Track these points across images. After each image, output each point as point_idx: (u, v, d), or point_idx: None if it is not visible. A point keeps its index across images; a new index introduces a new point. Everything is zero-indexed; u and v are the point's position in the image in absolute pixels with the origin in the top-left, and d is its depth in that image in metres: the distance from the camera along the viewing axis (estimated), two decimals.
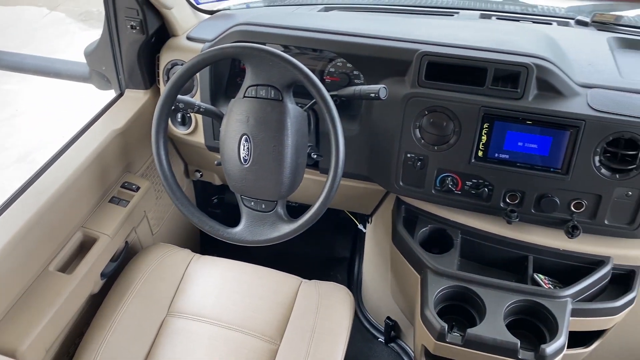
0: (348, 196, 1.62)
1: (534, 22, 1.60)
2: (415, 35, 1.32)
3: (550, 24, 1.62)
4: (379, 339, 1.88)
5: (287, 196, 1.23)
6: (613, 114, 1.16)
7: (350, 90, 1.25)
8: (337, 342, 1.29)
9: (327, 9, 1.71)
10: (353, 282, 2.09)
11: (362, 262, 1.91)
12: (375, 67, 1.31)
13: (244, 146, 1.18)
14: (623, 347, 1.56)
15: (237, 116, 1.19)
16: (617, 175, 1.19)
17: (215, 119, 1.38)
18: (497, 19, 1.64)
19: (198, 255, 1.52)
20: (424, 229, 1.41)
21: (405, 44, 1.29)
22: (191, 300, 1.40)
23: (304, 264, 2.18)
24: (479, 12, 1.67)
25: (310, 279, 1.48)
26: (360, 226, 1.95)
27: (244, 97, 1.18)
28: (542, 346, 1.15)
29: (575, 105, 1.18)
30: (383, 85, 1.20)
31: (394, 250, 1.46)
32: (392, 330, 1.83)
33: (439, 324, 1.20)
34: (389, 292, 1.69)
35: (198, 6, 1.68)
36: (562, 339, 1.17)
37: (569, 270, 1.32)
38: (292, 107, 1.17)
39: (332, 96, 1.30)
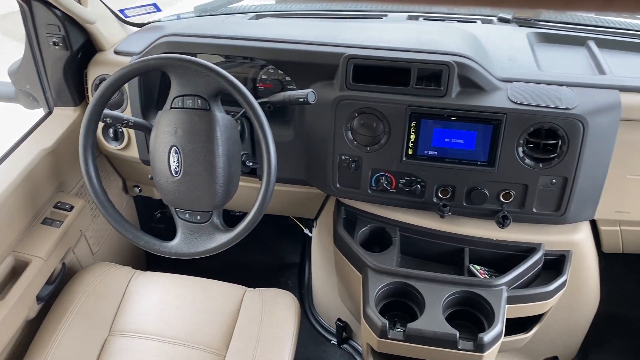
0: (290, 202, 1.63)
1: (458, 22, 1.65)
2: (342, 39, 1.34)
3: (475, 22, 1.67)
4: (332, 342, 1.89)
5: (223, 205, 1.23)
6: (532, 105, 1.21)
7: (280, 96, 1.26)
8: (283, 348, 1.29)
9: (258, 17, 1.72)
10: (304, 287, 2.09)
11: (311, 267, 1.92)
12: (304, 72, 1.33)
13: (174, 158, 1.17)
14: (562, 329, 1.62)
15: (165, 128, 1.17)
16: (541, 165, 1.24)
17: (145, 133, 1.36)
18: (424, 19, 1.68)
19: (139, 272, 1.49)
20: (364, 229, 1.43)
21: (331, 48, 1.31)
22: (133, 317, 1.37)
23: (254, 274, 2.17)
24: (406, 14, 1.71)
25: (262, 287, 1.48)
26: (306, 231, 1.96)
27: (171, 108, 1.18)
28: (480, 335, 1.18)
29: (496, 100, 1.23)
30: (311, 90, 1.22)
31: (337, 252, 1.47)
32: (344, 332, 1.84)
33: (380, 321, 1.22)
34: (337, 294, 1.70)
35: (126, 19, 1.66)
36: (498, 327, 1.20)
37: (503, 259, 1.36)
38: (220, 116, 1.17)
39: (263, 103, 1.31)
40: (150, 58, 1.14)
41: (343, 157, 1.34)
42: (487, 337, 1.18)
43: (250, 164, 1.33)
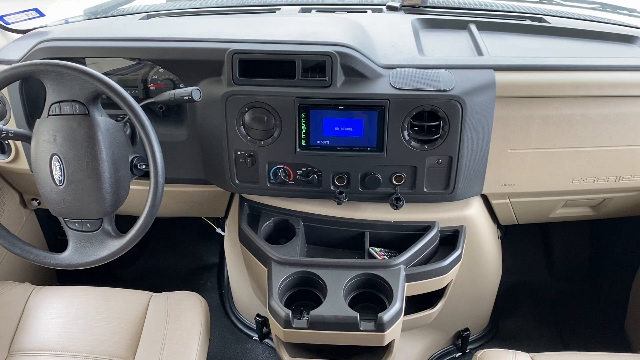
0: (195, 202, 1.62)
1: (348, 12, 1.69)
2: (226, 35, 1.34)
3: (365, 11, 1.71)
4: (254, 338, 1.90)
5: (113, 212, 1.20)
6: (412, 90, 1.25)
7: (165, 95, 1.25)
8: (189, 349, 1.28)
9: (149, 17, 1.68)
10: (223, 286, 2.08)
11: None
12: (190, 70, 1.31)
13: (56, 167, 1.13)
14: (469, 301, 1.70)
15: (43, 137, 1.13)
16: (426, 146, 1.29)
17: (29, 143, 1.31)
18: (317, 11, 1.71)
19: (39, 287, 1.44)
20: (267, 223, 1.44)
21: (215, 44, 1.30)
22: (34, 335, 1.32)
23: (172, 279, 2.14)
24: (299, 7, 1.73)
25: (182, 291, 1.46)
26: (218, 230, 1.95)
27: (49, 115, 1.14)
28: (379, 314, 1.22)
29: (379, 87, 1.26)
30: (195, 87, 1.21)
31: (243, 248, 1.47)
32: (264, 327, 1.85)
33: (284, 311, 1.23)
34: (252, 290, 1.70)
35: (7, 26, 1.58)
36: (397, 305, 1.25)
37: (402, 239, 1.41)
38: (102, 120, 1.14)
39: (150, 103, 1.29)
40: (18, 65, 1.09)
41: (239, 153, 1.34)
42: (386, 316, 1.22)
43: (143, 166, 1.30)
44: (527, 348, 1.36)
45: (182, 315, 1.34)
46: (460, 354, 1.84)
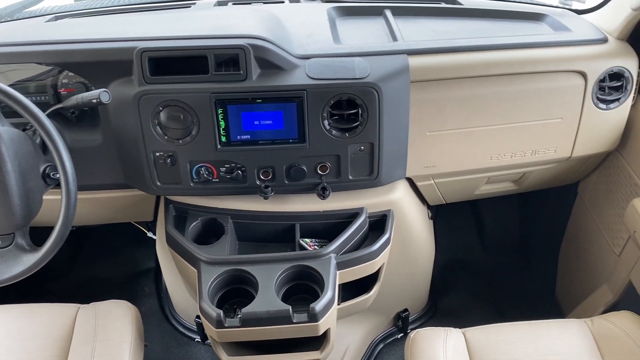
0: (120, 208, 1.56)
1: (265, 3, 1.67)
2: (134, 33, 1.29)
3: (283, 2, 1.69)
4: (196, 340, 1.87)
5: (26, 224, 1.14)
6: (329, 79, 1.25)
7: (73, 100, 1.20)
8: (119, 359, 1.24)
9: (57, 19, 1.61)
10: (162, 290, 2.04)
11: None
12: (99, 71, 1.26)
13: None
14: (405, 282, 1.73)
15: None
16: (347, 134, 1.30)
17: None
18: (233, 4, 1.68)
19: None
20: (195, 223, 1.41)
21: (123, 43, 1.25)
22: None
23: (108, 288, 2.08)
24: (215, 0, 1.69)
25: (119, 298, 1.41)
26: (150, 234, 1.90)
27: None
28: (312, 305, 1.22)
29: (295, 77, 1.25)
30: (104, 89, 1.16)
31: (172, 251, 1.44)
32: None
33: (215, 312, 1.21)
34: (187, 292, 1.67)
35: None
36: (329, 294, 1.25)
37: (333, 228, 1.41)
38: (3, 130, 1.08)
39: (59, 109, 1.24)
40: None
41: (157, 154, 1.30)
42: (318, 305, 1.22)
43: (57, 175, 1.25)
44: (465, 323, 1.40)
45: (111, 325, 1.30)
46: (401, 334, 1.87)
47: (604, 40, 1.40)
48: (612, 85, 1.40)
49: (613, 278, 1.59)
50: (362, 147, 1.32)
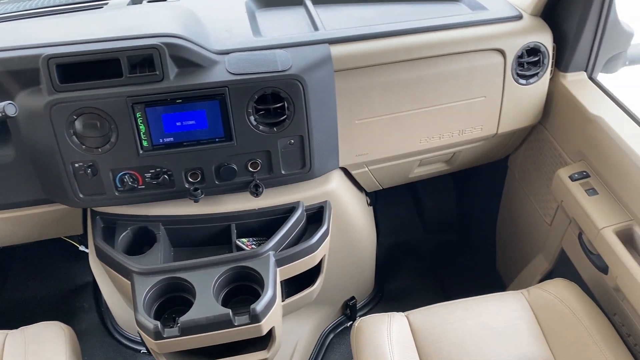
0: (45, 224, 1.48)
1: None
2: (40, 39, 1.21)
3: None
4: (142, 351, 1.81)
5: None
6: (250, 74, 1.22)
7: None
8: None
9: None
10: (102, 305, 1.96)
11: None
12: (3, 82, 1.18)
13: None
14: (350, 270, 1.73)
15: None
16: (275, 129, 1.27)
17: None
18: (148, 1, 1.61)
19: None
20: (124, 234, 1.35)
21: (26, 51, 1.18)
22: None
23: (42, 308, 1.98)
24: None
25: (55, 319, 1.34)
26: (82, 247, 1.82)
27: None
28: (252, 306, 1.20)
29: (215, 74, 1.22)
30: (8, 102, 1.09)
31: (103, 264, 1.38)
32: None
33: (151, 323, 1.17)
34: (125, 304, 1.61)
35: None
36: (269, 292, 1.23)
37: (270, 225, 1.39)
38: None
39: None
40: None
41: (76, 165, 1.24)
42: (259, 306, 1.20)
43: None
44: (412, 304, 1.41)
45: (43, 349, 1.23)
46: (351, 322, 1.88)
47: (519, 17, 1.43)
48: (530, 61, 1.43)
49: (546, 247, 1.65)
50: (292, 141, 1.30)
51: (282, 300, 1.46)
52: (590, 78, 1.50)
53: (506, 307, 1.34)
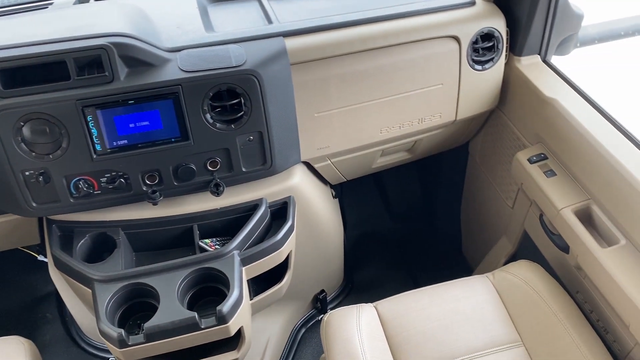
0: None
1: None
2: None
3: None
4: (110, 359, 1.77)
5: None
6: (204, 70, 1.19)
7: None
8: None
9: None
10: (66, 314, 1.90)
11: None
12: None
13: None
14: (318, 264, 1.72)
15: None
16: (233, 126, 1.25)
17: None
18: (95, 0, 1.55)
19: None
20: (83, 241, 1.31)
21: None
22: None
23: (2, 323, 1.91)
24: None
25: (16, 333, 1.29)
26: (40, 257, 1.76)
27: None
28: (218, 307, 1.18)
29: (167, 73, 1.18)
30: None
31: (63, 274, 1.33)
32: None
33: (115, 332, 1.14)
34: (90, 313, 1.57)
35: None
36: (235, 292, 1.21)
37: (234, 224, 1.37)
38: None
39: None
40: None
41: (27, 173, 1.19)
42: (225, 307, 1.18)
43: None
44: (381, 294, 1.41)
45: None
46: (322, 315, 1.87)
47: (472, 3, 1.44)
48: (484, 46, 1.44)
49: (509, 230, 1.67)
50: (251, 137, 1.28)
51: (251, 299, 1.44)
52: (544, 61, 1.52)
53: (472, 291, 1.35)
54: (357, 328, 1.27)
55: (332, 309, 1.89)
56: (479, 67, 1.46)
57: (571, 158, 1.35)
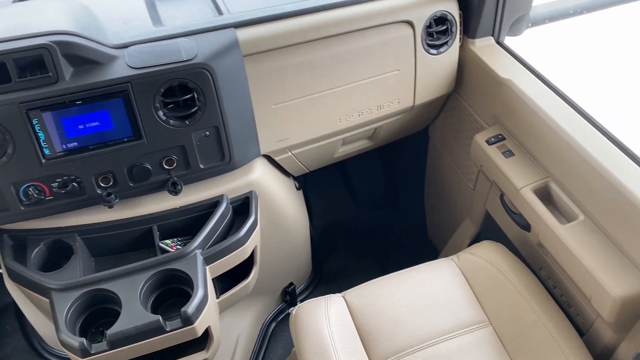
0: None
1: None
2: None
3: None
4: None
5: None
6: (153, 66, 1.15)
7: None
8: None
9: None
10: (27, 325, 1.84)
11: None
12: None
13: None
14: (285, 257, 1.71)
15: None
16: (187, 122, 1.21)
17: None
18: None
19: None
20: (37, 249, 1.26)
21: None
22: None
23: None
24: None
25: None
26: None
27: None
28: (182, 308, 1.15)
29: (115, 71, 1.14)
30: None
31: (19, 286, 1.28)
32: None
33: (76, 341, 1.10)
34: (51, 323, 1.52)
35: None
36: (200, 292, 1.19)
37: (195, 222, 1.34)
38: None
39: None
40: None
41: None
42: (190, 308, 1.15)
43: None
44: (351, 283, 1.41)
45: None
46: (292, 307, 1.86)
47: None
48: (438, 30, 1.44)
49: (472, 211, 1.69)
50: (207, 133, 1.25)
51: (217, 297, 1.42)
52: (498, 42, 1.53)
53: (438, 275, 1.36)
54: (326, 319, 1.26)
55: (301, 301, 1.88)
56: (434, 51, 1.46)
57: (528, 138, 1.37)
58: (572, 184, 1.25)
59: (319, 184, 2.19)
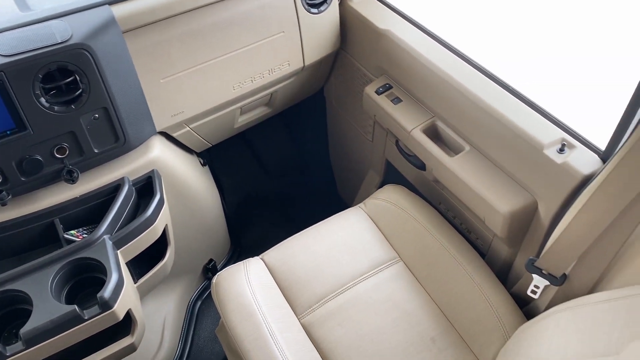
0: None
1: None
2: None
3: None
4: None
5: None
6: (26, 52, 1.10)
7: None
8: None
9: None
10: None
11: None
12: None
13: None
14: (202, 234, 1.70)
15: None
16: (73, 106, 1.18)
17: None
18: None
19: None
20: None
21: None
22: None
23: None
24: None
25: None
26: None
27: None
28: (98, 294, 1.13)
29: None
30: None
31: None
32: None
33: None
34: None
35: None
36: (114, 276, 1.17)
37: (99, 209, 1.31)
38: None
39: None
40: None
41: None
42: (106, 292, 1.14)
43: None
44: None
45: None
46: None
47: None
48: None
49: (374, 162, 1.77)
50: (97, 115, 1.22)
51: (135, 282, 1.40)
52: None
53: (348, 222, 1.43)
54: (247, 281, 1.29)
55: None
56: (315, 10, 1.50)
57: (411, 82, 1.45)
58: (456, 119, 1.35)
59: (228, 159, 2.19)
